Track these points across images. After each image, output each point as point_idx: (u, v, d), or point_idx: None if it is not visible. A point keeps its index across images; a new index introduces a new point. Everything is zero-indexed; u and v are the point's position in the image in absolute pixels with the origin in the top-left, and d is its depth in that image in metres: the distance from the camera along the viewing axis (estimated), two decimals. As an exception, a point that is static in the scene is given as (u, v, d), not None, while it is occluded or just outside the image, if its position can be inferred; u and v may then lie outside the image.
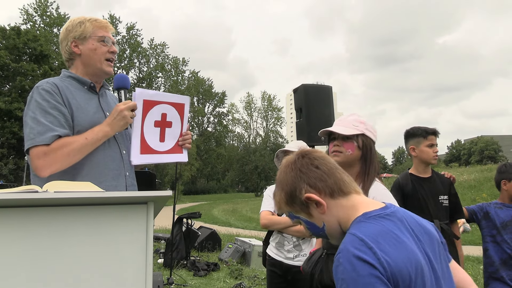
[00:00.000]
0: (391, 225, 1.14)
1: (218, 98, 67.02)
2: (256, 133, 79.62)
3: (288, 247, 2.81)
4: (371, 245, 1.06)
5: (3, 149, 29.93)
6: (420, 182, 2.92)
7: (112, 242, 1.21)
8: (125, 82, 1.96)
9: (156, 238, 10.03)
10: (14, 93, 30.95)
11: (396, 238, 1.11)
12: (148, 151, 1.90)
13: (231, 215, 23.81)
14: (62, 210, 1.18)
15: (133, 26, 51.53)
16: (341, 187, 1.23)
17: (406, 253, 1.08)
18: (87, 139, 1.75)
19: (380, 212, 1.18)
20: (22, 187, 1.19)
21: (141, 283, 1.22)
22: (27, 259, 1.12)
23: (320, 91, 5.00)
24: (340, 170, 1.28)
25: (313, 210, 1.25)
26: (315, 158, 1.27)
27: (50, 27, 44.01)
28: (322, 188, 1.22)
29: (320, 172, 1.24)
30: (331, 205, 1.23)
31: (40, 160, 1.67)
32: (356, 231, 1.12)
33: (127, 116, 1.82)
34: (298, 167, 1.27)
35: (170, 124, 2.02)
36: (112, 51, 1.98)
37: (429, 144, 2.91)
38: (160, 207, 1.48)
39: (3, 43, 31.84)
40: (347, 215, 1.22)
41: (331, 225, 1.25)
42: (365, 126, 1.96)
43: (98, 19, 2.00)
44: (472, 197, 16.60)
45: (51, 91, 1.79)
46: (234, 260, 7.66)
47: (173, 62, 57.67)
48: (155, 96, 1.98)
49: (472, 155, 79.30)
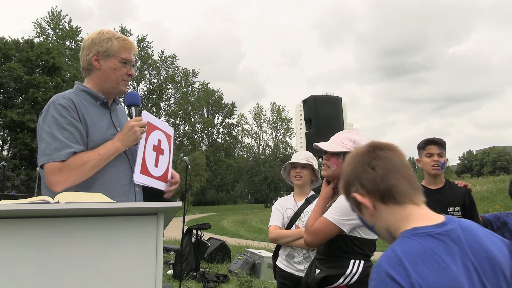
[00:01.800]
0: (438, 246, 1.05)
1: (228, 109, 67.21)
2: (265, 144, 79.64)
3: (298, 259, 2.79)
4: (407, 267, 1.00)
5: (15, 160, 30.27)
6: (429, 193, 2.88)
7: (122, 252, 1.21)
8: (136, 99, 2.01)
9: (166, 249, 10.01)
10: (26, 105, 31.41)
11: (439, 262, 1.02)
12: (145, 172, 1.93)
13: (240, 226, 23.72)
14: (73, 221, 1.19)
15: (144, 39, 52.23)
16: (394, 195, 1.15)
17: (446, 280, 1.00)
18: (100, 154, 1.78)
19: (431, 229, 1.09)
20: (34, 198, 1.20)
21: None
22: (39, 268, 1.13)
23: (330, 102, 4.99)
24: (402, 174, 1.18)
25: (363, 209, 1.22)
26: (375, 157, 1.20)
27: (63, 40, 44.75)
28: (372, 191, 1.17)
29: (374, 174, 1.18)
30: (381, 210, 1.18)
31: (55, 176, 1.70)
32: (397, 248, 1.06)
33: (137, 132, 1.86)
34: (357, 162, 1.23)
35: (162, 151, 2.08)
36: (130, 74, 2.02)
37: (427, 154, 2.92)
38: (170, 218, 1.48)
39: (17, 56, 32.46)
40: (397, 225, 1.16)
41: (380, 227, 1.22)
42: (355, 144, 2.00)
43: (126, 39, 2.02)
44: (485, 209, 16.32)
45: (67, 107, 1.81)
46: (244, 272, 7.60)
47: (183, 74, 58.22)
48: (155, 121, 2.05)
49: (484, 166, 78.35)
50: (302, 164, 2.93)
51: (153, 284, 1.22)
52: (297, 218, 2.87)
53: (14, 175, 28.93)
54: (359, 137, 2.06)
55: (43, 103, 32.48)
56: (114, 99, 2.11)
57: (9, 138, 33.86)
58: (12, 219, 1.13)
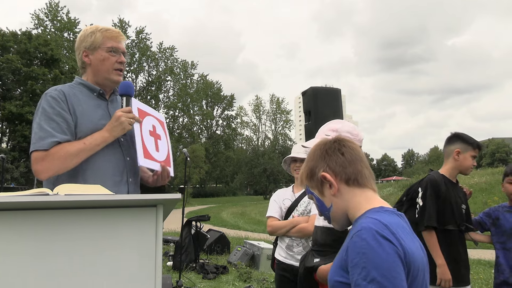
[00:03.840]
0: (403, 222, 1.23)
1: (227, 101, 67.14)
2: (264, 136, 79.76)
3: (298, 248, 2.79)
4: (394, 231, 1.12)
5: (14, 152, 30.25)
6: (451, 186, 2.92)
7: (122, 244, 1.22)
8: (129, 89, 1.99)
9: (165, 241, 10.05)
10: (25, 97, 31.30)
11: (410, 233, 1.20)
12: (149, 157, 1.95)
13: (240, 218, 23.78)
14: (72, 213, 1.19)
15: (143, 30, 51.99)
16: (358, 178, 1.31)
17: (416, 248, 1.16)
18: (85, 144, 1.81)
19: (394, 210, 1.26)
20: (33, 190, 1.20)
21: (150, 286, 1.22)
22: (38, 261, 1.13)
23: (329, 94, 4.98)
24: (364, 164, 1.35)
25: (326, 190, 1.34)
26: (344, 146, 1.36)
27: (61, 31, 44.52)
28: (339, 173, 1.31)
29: (343, 158, 1.33)
30: (344, 191, 1.31)
31: (38, 164, 1.76)
32: (377, 217, 1.17)
33: (124, 122, 1.86)
34: (326, 148, 1.37)
35: (160, 136, 2.10)
36: (120, 61, 2.03)
37: (474, 155, 2.90)
38: (169, 210, 1.48)
39: (15, 47, 32.25)
40: (358, 204, 1.29)
41: (338, 208, 1.33)
42: (337, 133, 1.98)
43: (110, 29, 2.04)
44: (484, 200, 16.37)
45: (57, 98, 1.86)
46: (243, 263, 7.63)
47: (182, 66, 57.99)
48: (145, 107, 2.09)
49: (483, 158, 78.38)
50: (302, 159, 2.93)
51: (152, 275, 1.23)
52: (294, 208, 2.87)
53: (13, 168, 28.93)
54: (340, 125, 2.05)
55: (41, 95, 32.02)
56: (114, 90, 2.12)
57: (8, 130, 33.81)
58: (11, 211, 1.13)
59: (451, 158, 2.94)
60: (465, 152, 2.89)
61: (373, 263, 1.06)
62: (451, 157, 2.93)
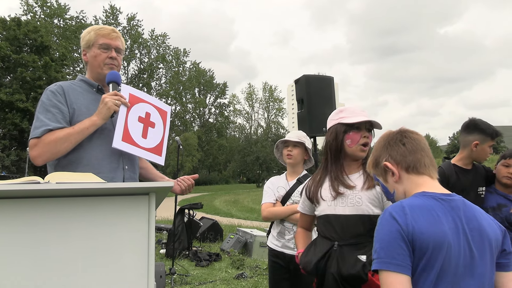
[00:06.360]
0: (437, 206, 1.31)
1: (220, 89, 66.76)
2: (257, 124, 79.59)
3: (289, 236, 2.81)
4: (407, 212, 1.27)
5: (5, 141, 29.96)
6: (464, 173, 2.90)
7: (114, 232, 1.22)
8: (116, 77, 2.10)
9: (158, 228, 10.07)
10: (15, 85, 30.89)
11: (434, 215, 1.27)
12: (129, 140, 1.99)
13: (232, 206, 23.85)
14: (64, 201, 1.18)
15: (134, 17, 51.31)
16: (417, 166, 1.43)
17: (434, 229, 1.24)
18: (74, 128, 1.90)
19: (436, 195, 1.35)
20: (24, 178, 1.20)
21: (143, 273, 1.23)
22: (29, 249, 1.13)
23: (322, 82, 4.96)
24: (425, 152, 1.46)
25: (389, 177, 1.50)
26: (406, 136, 1.48)
27: (51, 18, 43.77)
28: (400, 162, 1.45)
29: (404, 148, 1.46)
30: (404, 178, 1.45)
31: (32, 150, 1.89)
32: (404, 201, 1.33)
33: (108, 102, 1.93)
34: (389, 140, 1.51)
35: (153, 124, 2.15)
36: (111, 57, 2.14)
37: (491, 145, 2.87)
38: (161, 198, 1.49)
39: (4, 34, 31.69)
40: (410, 189, 1.42)
41: (399, 193, 1.47)
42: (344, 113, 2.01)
43: (103, 28, 2.18)
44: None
45: (55, 92, 1.99)
46: (236, 251, 7.69)
47: (174, 53, 57.37)
48: (141, 94, 2.15)
49: (473, 146, 78.98)
50: (294, 142, 2.93)
51: (145, 263, 1.23)
52: (289, 197, 2.88)
53: (4, 156, 28.72)
54: (344, 107, 2.05)
55: (31, 83, 32.16)
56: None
57: (-2, 118, 33.43)
58: (2, 199, 1.12)
59: (469, 149, 2.88)
60: (483, 144, 2.84)
61: (377, 237, 1.29)
62: (469, 147, 2.87)
